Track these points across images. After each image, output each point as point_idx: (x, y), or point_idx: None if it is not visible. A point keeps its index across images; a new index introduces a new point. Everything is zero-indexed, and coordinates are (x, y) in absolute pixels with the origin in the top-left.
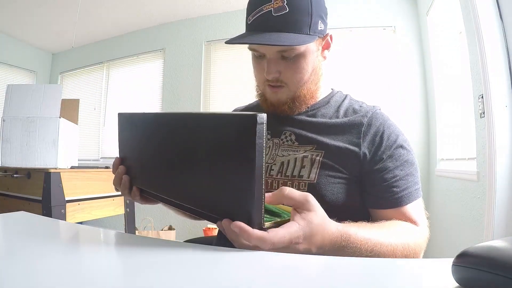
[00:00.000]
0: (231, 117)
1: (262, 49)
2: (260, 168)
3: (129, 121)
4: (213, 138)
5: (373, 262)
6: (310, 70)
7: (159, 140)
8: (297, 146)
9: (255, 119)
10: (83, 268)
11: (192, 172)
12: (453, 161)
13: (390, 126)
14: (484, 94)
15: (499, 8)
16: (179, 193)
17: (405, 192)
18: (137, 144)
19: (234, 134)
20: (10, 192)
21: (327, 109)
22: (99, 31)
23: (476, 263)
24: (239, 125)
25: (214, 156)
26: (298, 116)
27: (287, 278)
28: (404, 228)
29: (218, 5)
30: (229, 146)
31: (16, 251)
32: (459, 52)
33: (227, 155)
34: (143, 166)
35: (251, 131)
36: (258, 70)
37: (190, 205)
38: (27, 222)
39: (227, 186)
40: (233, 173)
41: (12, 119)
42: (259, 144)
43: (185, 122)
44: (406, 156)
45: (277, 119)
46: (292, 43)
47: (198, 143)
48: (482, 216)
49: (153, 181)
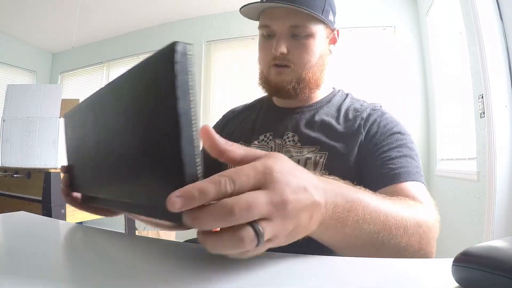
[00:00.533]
0: (145, 60)
1: (275, 24)
2: (186, 112)
3: (71, 119)
4: (132, 99)
5: (373, 262)
6: (318, 55)
7: (89, 130)
8: (299, 147)
9: (172, 48)
10: (83, 268)
11: (120, 155)
12: (453, 161)
13: (388, 117)
14: (484, 94)
15: (499, 8)
16: (114, 189)
17: (403, 169)
18: (75, 143)
19: (152, 80)
20: (10, 192)
21: (329, 108)
22: (99, 31)
23: (476, 263)
24: (154, 64)
25: (136, 121)
26: (300, 115)
27: (287, 278)
28: (409, 203)
29: (218, 5)
30: (149, 99)
31: (16, 251)
32: (459, 52)
33: (149, 113)
34: (83, 169)
35: (169, 65)
36: (265, 51)
37: (126, 200)
38: (27, 222)
39: (153, 152)
40: (157, 132)
41: (12, 119)
42: (182, 80)
43: (106, 97)
44: (402, 141)
45: (278, 119)
46: (309, 10)
47: (119, 115)
48: (482, 216)
49: (93, 183)
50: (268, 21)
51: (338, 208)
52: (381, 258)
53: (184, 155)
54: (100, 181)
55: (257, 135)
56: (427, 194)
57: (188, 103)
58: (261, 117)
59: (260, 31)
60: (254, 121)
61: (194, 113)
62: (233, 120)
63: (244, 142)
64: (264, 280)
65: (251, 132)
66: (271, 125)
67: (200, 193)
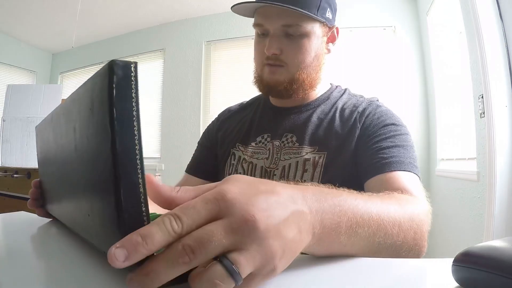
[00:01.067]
0: (87, 82)
1: (268, 24)
2: (128, 151)
3: (40, 133)
4: (78, 125)
5: (373, 262)
6: (313, 55)
7: (51, 147)
8: (298, 147)
9: (109, 70)
10: (83, 268)
11: (71, 183)
12: (453, 161)
13: (383, 110)
14: (484, 94)
15: (499, 8)
16: (69, 217)
17: (394, 159)
18: (43, 158)
19: (89, 109)
20: (10, 192)
21: (326, 106)
22: (99, 31)
23: (476, 263)
24: (92, 90)
25: (82, 151)
26: (298, 114)
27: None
28: (398, 197)
29: (218, 5)
30: (90, 130)
31: (16, 251)
32: (459, 52)
33: (92, 145)
34: (48, 186)
35: (104, 91)
36: (258, 50)
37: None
38: (27, 222)
39: (95, 187)
40: (98, 169)
41: (12, 119)
42: (122, 110)
43: (61, 116)
44: (396, 132)
45: (276, 119)
46: (300, 10)
47: (69, 139)
48: (482, 216)
49: (54, 203)
50: (261, 20)
51: (326, 215)
52: (381, 258)
53: (124, 202)
54: (59, 204)
55: (254, 137)
56: (418, 185)
57: (131, 137)
58: (258, 117)
59: (255, 29)
60: (251, 121)
61: (139, 149)
62: (229, 120)
63: (241, 144)
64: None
65: (248, 133)
66: (268, 125)
67: (144, 238)
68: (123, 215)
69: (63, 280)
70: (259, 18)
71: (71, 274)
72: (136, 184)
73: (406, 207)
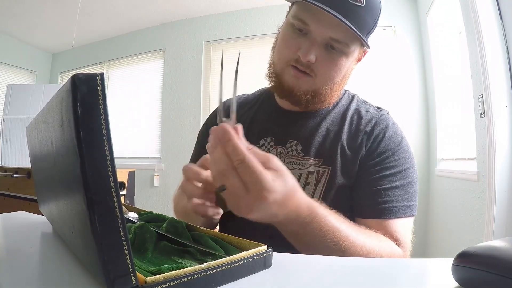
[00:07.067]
0: (58, 93)
1: (315, 27)
2: (98, 168)
3: (30, 133)
4: (54, 137)
5: (373, 262)
6: (343, 74)
7: (38, 150)
8: (302, 158)
9: (72, 86)
10: (83, 268)
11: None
12: (453, 161)
13: (391, 133)
14: (484, 94)
15: (499, 8)
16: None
17: (389, 204)
18: (32, 161)
19: (58, 124)
20: (10, 192)
21: (335, 114)
22: (99, 31)
23: (476, 263)
24: (60, 104)
25: (58, 163)
26: (305, 121)
27: (287, 277)
28: (381, 239)
29: (218, 5)
30: (62, 143)
31: (16, 251)
32: (459, 52)
33: (65, 158)
34: (39, 190)
35: (69, 108)
36: (289, 46)
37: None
38: (27, 222)
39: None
40: (71, 189)
41: (12, 119)
42: (88, 125)
43: (42, 121)
44: (399, 167)
45: (281, 122)
46: (356, 31)
47: (48, 145)
48: (482, 216)
49: (46, 207)
50: (309, 19)
51: (298, 218)
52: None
53: (101, 230)
54: (50, 209)
55: (256, 139)
56: (407, 233)
57: (101, 159)
58: (260, 117)
59: (292, 20)
60: (251, 121)
61: (112, 170)
62: None
63: None
64: (266, 280)
65: (247, 134)
66: (272, 128)
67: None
68: (100, 242)
69: (63, 280)
70: (305, 15)
71: (71, 274)
72: (112, 209)
73: (379, 244)
